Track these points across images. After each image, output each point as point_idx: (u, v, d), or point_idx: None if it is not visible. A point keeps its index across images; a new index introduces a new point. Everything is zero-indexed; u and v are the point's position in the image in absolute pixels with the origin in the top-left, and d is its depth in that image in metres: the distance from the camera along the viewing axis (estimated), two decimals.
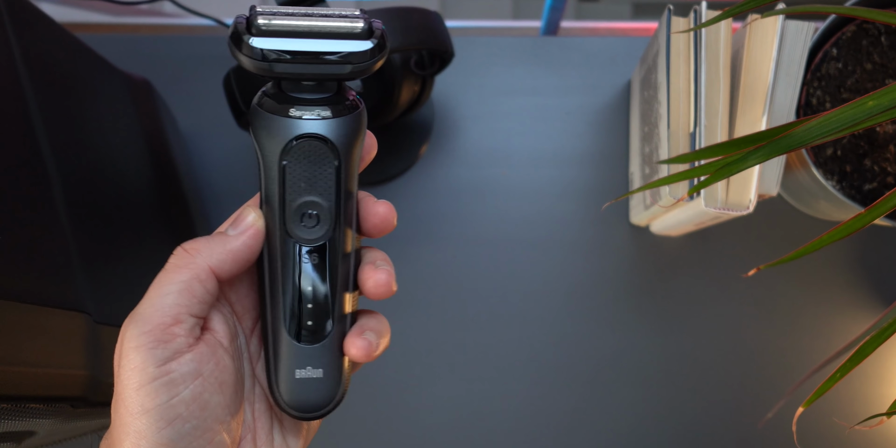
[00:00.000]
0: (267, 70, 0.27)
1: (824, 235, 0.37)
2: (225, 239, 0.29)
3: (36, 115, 0.40)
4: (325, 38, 0.27)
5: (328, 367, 0.30)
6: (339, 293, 0.30)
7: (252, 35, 0.27)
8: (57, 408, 0.37)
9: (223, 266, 0.29)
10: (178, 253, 0.29)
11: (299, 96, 0.29)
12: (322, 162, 0.29)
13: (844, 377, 0.35)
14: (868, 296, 0.65)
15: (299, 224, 0.29)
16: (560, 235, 0.66)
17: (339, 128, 0.29)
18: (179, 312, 0.27)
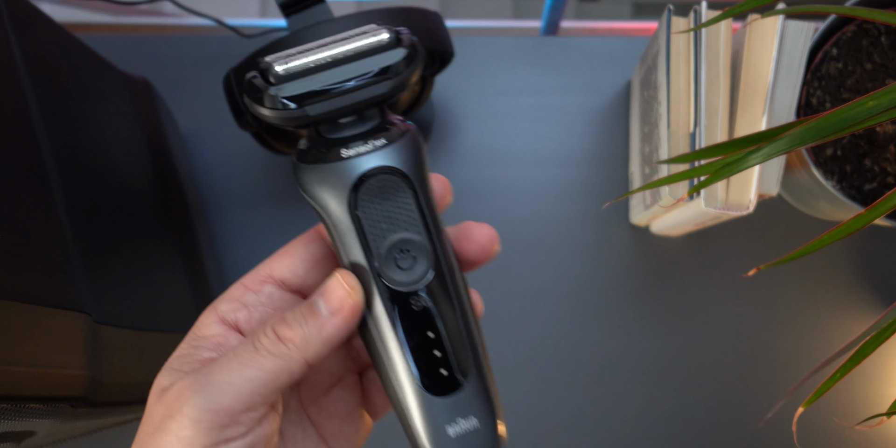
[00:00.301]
0: (302, 117, 0.25)
1: (824, 235, 0.37)
2: (319, 322, 0.26)
3: (36, 115, 0.40)
4: (353, 61, 0.25)
5: (481, 412, 0.26)
6: (466, 328, 0.27)
7: (273, 85, 0.24)
8: (57, 408, 0.37)
9: (318, 356, 0.26)
10: (270, 338, 0.25)
11: (344, 135, 0.26)
12: (397, 194, 0.26)
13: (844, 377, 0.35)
14: (868, 296, 0.65)
15: (396, 269, 0.26)
16: (560, 235, 0.66)
17: (401, 152, 0.26)
18: (256, 402, 0.25)
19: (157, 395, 0.26)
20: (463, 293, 0.27)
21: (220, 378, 0.25)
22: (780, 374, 0.64)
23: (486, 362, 0.27)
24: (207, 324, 0.27)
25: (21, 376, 0.34)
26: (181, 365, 0.26)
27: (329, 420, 0.30)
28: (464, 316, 0.27)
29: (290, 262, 0.28)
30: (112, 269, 0.44)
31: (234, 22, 0.67)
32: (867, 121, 0.35)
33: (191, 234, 0.60)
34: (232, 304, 0.28)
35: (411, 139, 0.26)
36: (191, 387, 0.24)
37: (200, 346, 0.27)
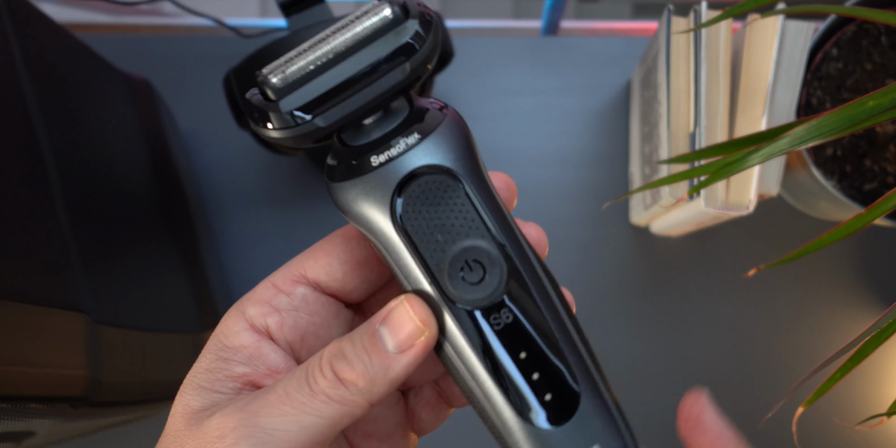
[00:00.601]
0: (314, 131, 0.21)
1: (824, 235, 0.37)
2: (385, 361, 0.22)
3: (36, 115, 0.40)
4: (358, 51, 0.21)
5: (606, 436, 0.22)
6: (565, 337, 0.22)
7: (275, 101, 0.21)
8: (57, 408, 0.37)
9: (383, 397, 0.22)
10: (329, 379, 0.22)
11: (371, 139, 0.22)
12: (446, 195, 0.22)
13: (844, 377, 0.35)
14: (868, 296, 0.65)
15: (464, 285, 0.22)
16: (560, 235, 0.66)
17: (440, 144, 0.22)
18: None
19: (186, 418, 0.23)
20: (553, 295, 0.23)
21: (273, 423, 0.21)
22: (780, 373, 0.64)
23: (600, 373, 0.23)
24: (236, 332, 0.24)
25: (21, 376, 0.34)
26: (212, 383, 0.23)
27: (367, 441, 0.27)
28: (559, 323, 0.22)
29: (326, 263, 0.24)
30: (112, 269, 0.44)
31: (234, 22, 0.67)
32: (867, 121, 0.35)
33: (191, 233, 0.60)
34: (261, 308, 0.24)
35: (450, 126, 0.22)
36: (238, 430, 0.21)
37: (230, 360, 0.24)
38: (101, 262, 0.43)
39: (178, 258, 0.56)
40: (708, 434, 0.23)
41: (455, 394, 0.28)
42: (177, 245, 0.57)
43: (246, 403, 0.22)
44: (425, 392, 0.28)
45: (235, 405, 0.22)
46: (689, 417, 0.24)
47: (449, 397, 0.28)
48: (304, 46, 0.22)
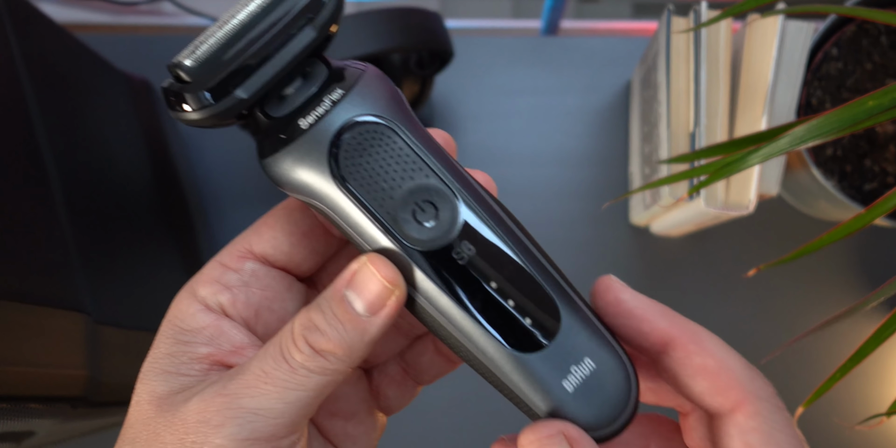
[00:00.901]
0: (236, 105, 0.21)
1: (824, 235, 0.37)
2: (360, 326, 0.21)
3: (36, 115, 0.40)
4: (263, 19, 0.21)
5: (593, 347, 0.22)
6: (531, 260, 0.22)
7: (189, 83, 0.21)
8: (56, 408, 0.37)
9: (362, 358, 0.22)
10: (308, 353, 0.21)
11: (296, 105, 0.22)
12: (381, 142, 0.22)
13: (844, 377, 0.35)
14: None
15: (419, 227, 0.22)
16: (560, 235, 0.66)
17: (365, 95, 0.22)
18: (300, 424, 0.22)
19: (155, 405, 0.22)
20: (509, 221, 0.23)
21: (257, 404, 0.21)
22: (780, 373, 0.64)
23: (570, 287, 0.23)
24: (191, 314, 0.23)
25: (21, 376, 0.34)
26: (177, 367, 0.23)
27: (330, 420, 0.26)
28: (521, 247, 0.22)
29: (271, 236, 0.24)
30: (112, 270, 0.44)
31: None
32: (867, 121, 0.35)
33: (190, 233, 0.60)
34: (211, 287, 0.24)
35: (371, 78, 0.22)
36: (222, 413, 0.21)
37: (192, 342, 0.23)
38: (101, 262, 0.43)
39: (178, 258, 0.56)
40: (635, 319, 0.23)
41: (422, 369, 0.27)
42: (176, 245, 0.57)
43: (223, 386, 0.21)
44: (390, 369, 0.27)
45: (212, 389, 0.21)
46: (607, 305, 0.23)
47: (416, 374, 0.27)
48: (212, 27, 0.21)
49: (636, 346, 0.23)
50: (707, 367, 0.22)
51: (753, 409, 0.22)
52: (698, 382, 0.22)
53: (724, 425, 0.22)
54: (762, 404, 0.22)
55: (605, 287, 0.23)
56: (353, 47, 0.48)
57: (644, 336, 0.23)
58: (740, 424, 0.22)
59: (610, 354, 0.22)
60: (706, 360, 0.22)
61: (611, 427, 0.22)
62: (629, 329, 0.23)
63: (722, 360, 0.22)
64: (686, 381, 0.22)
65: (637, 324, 0.23)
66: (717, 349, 0.23)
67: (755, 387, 0.22)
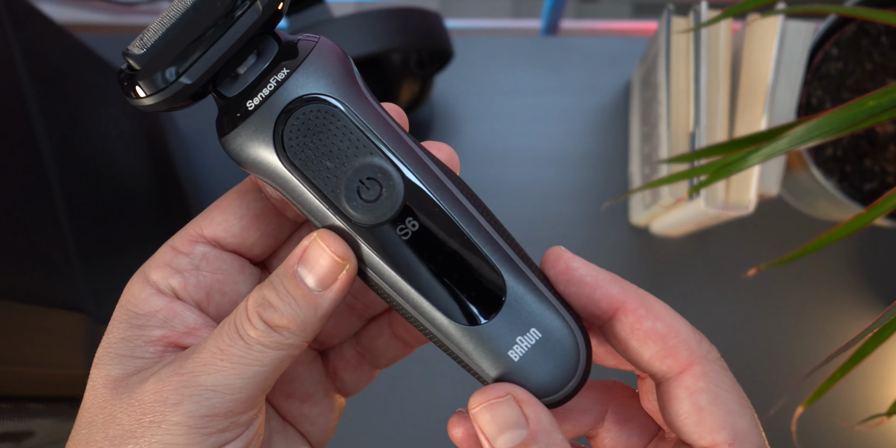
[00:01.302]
0: (185, 87, 0.21)
1: (824, 235, 0.37)
2: (313, 301, 0.22)
3: (36, 115, 0.40)
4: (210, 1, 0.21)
5: (540, 317, 0.23)
6: (477, 231, 0.23)
7: (137, 70, 0.21)
8: (56, 408, 0.37)
9: (316, 333, 0.22)
10: (263, 329, 0.21)
11: (246, 85, 0.22)
12: (326, 121, 0.22)
13: (844, 377, 0.35)
14: (868, 296, 0.65)
15: (364, 205, 0.22)
16: (560, 235, 0.66)
17: (309, 74, 0.22)
18: (256, 398, 0.22)
19: (110, 388, 0.22)
20: (458, 193, 0.23)
21: (214, 380, 0.21)
22: (780, 373, 0.64)
23: (522, 259, 0.23)
24: (144, 298, 0.23)
25: (21, 376, 0.34)
26: (131, 350, 0.23)
27: (287, 401, 0.26)
28: (468, 219, 0.23)
29: (222, 219, 0.24)
30: (112, 269, 0.44)
31: None
32: (867, 121, 0.35)
33: None
34: (163, 271, 0.24)
35: (320, 54, 0.22)
36: (179, 391, 0.21)
37: (145, 326, 0.23)
38: (101, 261, 0.43)
39: None
40: (587, 287, 0.23)
41: (378, 352, 0.28)
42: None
43: (179, 366, 0.21)
44: (346, 352, 0.28)
45: (169, 369, 0.22)
46: (558, 274, 0.23)
47: (372, 357, 0.28)
48: (164, 12, 0.22)
49: (588, 313, 0.23)
50: (657, 331, 0.22)
51: (701, 370, 0.22)
52: (648, 346, 0.22)
53: (673, 388, 0.22)
54: (710, 365, 0.22)
55: (556, 257, 0.24)
56: (353, 47, 0.48)
57: (595, 303, 0.23)
58: (689, 386, 0.22)
59: (557, 324, 0.23)
60: (655, 323, 0.22)
61: (559, 393, 0.23)
62: (581, 296, 0.23)
63: (671, 324, 0.23)
64: (636, 345, 0.23)
65: (589, 291, 0.23)
66: (665, 314, 0.23)
67: (703, 350, 0.23)
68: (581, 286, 0.23)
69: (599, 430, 0.26)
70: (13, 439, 0.36)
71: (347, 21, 0.49)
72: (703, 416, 0.22)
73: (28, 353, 0.34)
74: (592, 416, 0.25)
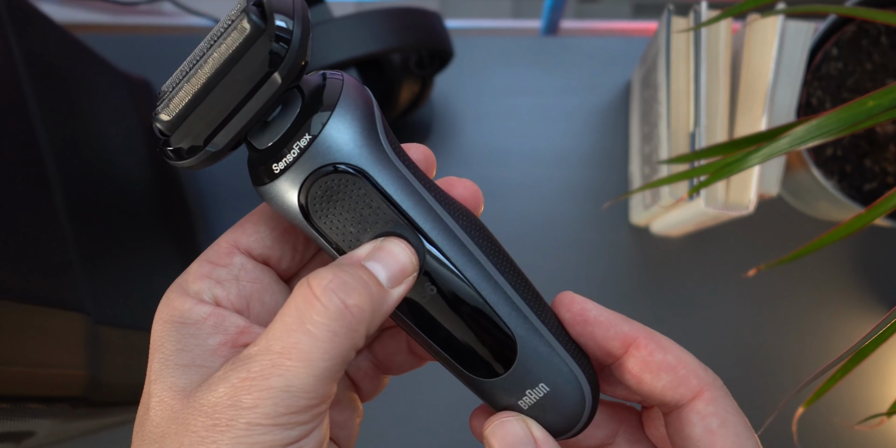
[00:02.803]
0: (211, 155, 0.22)
1: (824, 235, 0.37)
2: (383, 293, 0.22)
3: (36, 115, 0.40)
4: (229, 70, 0.21)
5: (548, 374, 0.24)
6: (492, 293, 0.24)
7: (168, 138, 0.22)
8: (57, 408, 0.37)
9: (375, 330, 0.22)
10: (336, 309, 0.21)
11: (274, 141, 0.22)
12: (348, 189, 0.22)
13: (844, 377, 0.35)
14: (868, 296, 0.65)
15: None
16: (560, 235, 0.66)
17: (332, 141, 0.22)
18: (330, 390, 0.22)
19: (182, 397, 0.22)
20: (479, 254, 0.24)
21: (286, 382, 0.21)
22: (780, 373, 0.64)
23: (537, 311, 0.24)
24: (187, 308, 0.23)
25: (21, 376, 0.34)
26: (192, 359, 0.23)
27: None
28: (486, 283, 0.23)
29: (254, 231, 0.25)
30: (112, 269, 0.44)
31: None
32: (867, 121, 0.35)
33: (190, 233, 0.60)
34: (203, 283, 0.24)
35: (344, 112, 0.22)
36: (252, 394, 0.21)
37: (198, 334, 0.23)
38: (101, 262, 0.43)
39: (178, 258, 0.56)
40: (601, 326, 0.25)
41: (394, 367, 0.29)
42: (176, 245, 0.57)
43: (247, 369, 0.21)
44: (362, 364, 0.28)
45: (237, 373, 0.21)
46: (574, 316, 0.25)
47: (385, 367, 0.29)
48: (185, 65, 0.22)
49: (602, 351, 0.25)
50: (668, 362, 0.24)
51: (711, 396, 0.24)
52: (661, 377, 0.24)
53: (685, 413, 0.24)
54: (717, 392, 0.24)
55: (570, 300, 0.25)
56: (354, 47, 0.48)
57: (610, 340, 0.25)
58: (700, 411, 0.24)
59: (564, 378, 0.24)
60: (666, 356, 0.24)
61: (564, 435, 0.25)
62: (596, 335, 0.25)
63: (679, 356, 0.25)
64: (649, 377, 0.24)
65: (603, 330, 0.25)
66: (673, 347, 0.25)
67: (710, 377, 0.25)
68: (596, 326, 0.25)
69: (610, 446, 0.27)
70: (13, 439, 0.36)
71: (347, 21, 0.49)
72: (713, 439, 0.23)
73: (28, 353, 0.34)
74: (604, 431, 0.27)
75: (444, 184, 0.25)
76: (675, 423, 0.24)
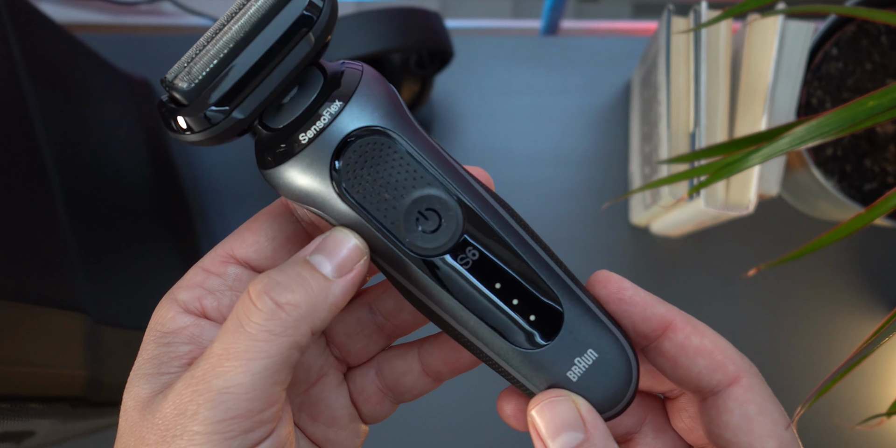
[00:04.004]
0: (237, 123, 0.20)
1: (824, 235, 0.37)
2: (324, 286, 0.21)
3: (36, 115, 0.40)
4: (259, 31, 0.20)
5: (595, 339, 0.23)
6: (534, 257, 0.23)
7: (187, 105, 0.20)
8: (57, 408, 0.37)
9: (322, 326, 0.22)
10: (268, 309, 0.21)
11: (295, 116, 0.21)
12: (383, 153, 0.22)
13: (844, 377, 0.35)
14: (868, 296, 0.65)
15: (424, 236, 0.22)
16: (560, 235, 0.66)
17: (365, 105, 0.21)
18: (273, 393, 0.21)
19: (139, 409, 0.22)
20: (511, 221, 0.23)
21: (224, 382, 0.20)
22: (780, 373, 0.64)
23: (574, 282, 0.24)
24: (171, 317, 0.23)
25: (21, 376, 0.34)
26: (158, 367, 0.23)
27: (313, 424, 0.26)
28: (524, 246, 0.23)
29: (254, 241, 0.24)
30: (112, 269, 0.44)
31: None
32: (867, 121, 0.35)
33: (190, 233, 0.60)
34: (193, 292, 0.24)
35: (370, 85, 0.22)
36: (194, 400, 0.20)
37: (173, 343, 0.23)
38: (101, 262, 0.43)
39: (178, 258, 0.56)
40: (637, 306, 0.24)
41: (404, 390, 0.28)
42: (176, 244, 0.57)
43: (191, 375, 0.21)
44: (367, 388, 0.28)
45: (182, 380, 0.21)
46: (611, 294, 0.24)
47: (396, 395, 0.28)
48: (202, 41, 0.21)
49: (638, 332, 0.24)
50: (705, 347, 0.24)
51: (748, 383, 0.24)
52: (697, 361, 0.24)
53: (721, 400, 0.23)
54: (754, 379, 0.24)
55: (606, 278, 0.24)
56: (354, 47, 0.48)
57: (646, 321, 0.24)
58: (738, 397, 0.23)
59: (612, 344, 0.23)
60: (703, 340, 0.24)
61: (613, 410, 0.23)
62: (632, 315, 0.24)
63: (716, 341, 0.24)
64: (686, 361, 0.24)
65: (640, 310, 0.24)
66: (709, 331, 0.25)
67: (746, 364, 0.24)
68: (632, 305, 0.24)
69: (636, 435, 0.27)
70: (13, 439, 0.36)
71: (347, 21, 0.49)
72: (752, 426, 0.23)
73: (28, 353, 0.34)
74: (633, 419, 0.27)
75: None
76: (710, 409, 0.24)
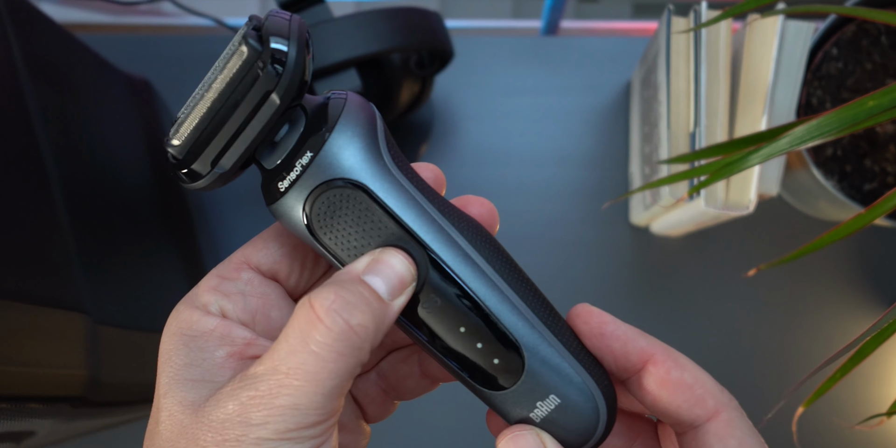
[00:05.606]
0: (220, 176, 0.23)
1: (824, 235, 0.37)
2: (384, 308, 0.22)
3: (36, 116, 0.40)
4: (231, 95, 0.22)
5: (557, 385, 0.24)
6: (498, 305, 0.23)
7: (178, 162, 0.23)
8: (57, 408, 0.37)
9: (378, 344, 0.22)
10: (339, 330, 0.21)
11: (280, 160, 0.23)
12: (350, 204, 0.23)
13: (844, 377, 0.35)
14: (868, 296, 0.65)
15: None
16: (560, 235, 0.66)
17: (334, 157, 0.23)
18: (339, 404, 0.22)
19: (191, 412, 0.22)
20: (485, 266, 0.24)
21: (294, 401, 0.21)
22: (780, 373, 0.64)
23: (548, 321, 0.24)
24: (195, 320, 0.24)
25: (21, 376, 0.34)
26: (200, 374, 0.23)
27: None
28: (492, 294, 0.23)
29: (263, 246, 0.26)
30: (112, 270, 0.44)
31: (234, 22, 0.67)
32: (867, 121, 0.35)
33: (190, 233, 0.60)
34: (211, 295, 0.24)
35: (344, 129, 0.23)
36: (261, 412, 0.21)
37: (206, 347, 0.24)
38: (101, 262, 0.43)
39: (178, 258, 0.56)
40: (618, 341, 0.24)
41: (405, 392, 0.29)
42: (176, 245, 0.57)
43: (255, 388, 0.21)
44: (370, 390, 0.28)
45: (245, 392, 0.21)
46: (592, 329, 0.25)
47: (398, 394, 0.29)
48: (194, 95, 0.23)
49: (618, 366, 0.25)
50: (685, 381, 0.24)
51: (728, 417, 0.23)
52: (677, 396, 0.24)
53: (701, 435, 0.24)
54: (734, 413, 0.24)
55: (587, 312, 0.25)
56: (354, 47, 0.48)
57: (626, 355, 0.24)
58: (718, 432, 0.23)
59: (575, 389, 0.24)
60: (683, 374, 0.24)
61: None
62: (613, 350, 0.24)
63: (696, 375, 0.24)
64: (666, 395, 0.24)
65: (621, 344, 0.24)
66: (690, 365, 0.24)
67: (725, 398, 0.24)
68: (613, 340, 0.24)
69: None
70: (13, 439, 0.36)
71: (347, 21, 0.49)
72: None
73: (28, 353, 0.34)
74: (621, 441, 0.27)
75: (461, 202, 0.26)
76: (690, 443, 0.24)
